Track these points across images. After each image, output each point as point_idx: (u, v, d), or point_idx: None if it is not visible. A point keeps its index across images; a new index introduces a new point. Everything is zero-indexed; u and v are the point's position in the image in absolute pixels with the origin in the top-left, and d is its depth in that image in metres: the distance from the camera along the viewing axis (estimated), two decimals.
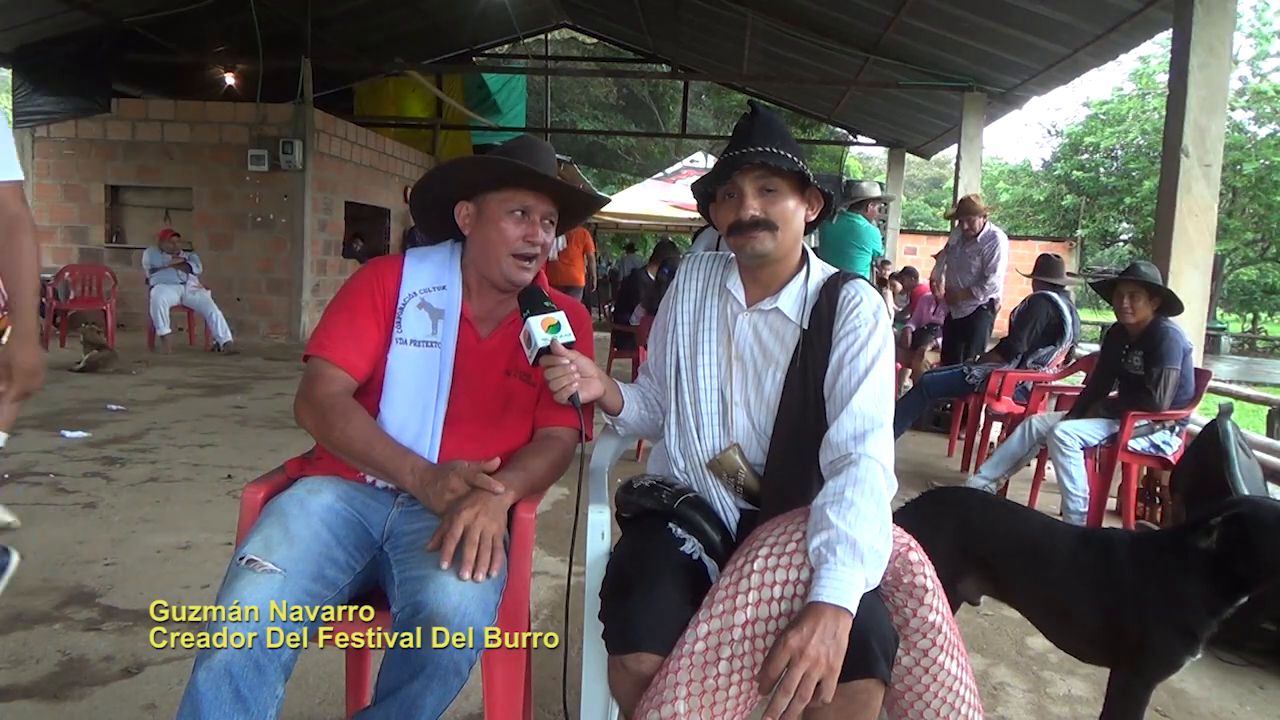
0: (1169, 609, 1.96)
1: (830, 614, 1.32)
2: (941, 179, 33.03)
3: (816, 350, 1.63)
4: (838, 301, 1.64)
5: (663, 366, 1.79)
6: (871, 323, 1.62)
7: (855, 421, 1.52)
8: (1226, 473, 3.39)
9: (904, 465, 5.51)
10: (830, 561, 1.36)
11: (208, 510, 3.86)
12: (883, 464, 1.48)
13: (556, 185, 1.78)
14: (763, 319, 1.68)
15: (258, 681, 1.40)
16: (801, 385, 1.62)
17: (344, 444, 1.67)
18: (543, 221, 1.79)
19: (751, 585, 1.43)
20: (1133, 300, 4.03)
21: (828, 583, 1.34)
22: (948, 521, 2.15)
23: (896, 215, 14.21)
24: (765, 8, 10.49)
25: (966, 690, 1.47)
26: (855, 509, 1.40)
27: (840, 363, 1.59)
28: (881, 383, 1.57)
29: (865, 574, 1.36)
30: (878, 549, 1.39)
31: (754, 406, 1.67)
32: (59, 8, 9.33)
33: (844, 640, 1.32)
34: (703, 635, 1.41)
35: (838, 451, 1.51)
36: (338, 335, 1.76)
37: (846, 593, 1.34)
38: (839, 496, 1.42)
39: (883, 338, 1.62)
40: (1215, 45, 5.11)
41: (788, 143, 1.63)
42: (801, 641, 1.29)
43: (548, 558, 3.37)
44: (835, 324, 1.62)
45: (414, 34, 13.69)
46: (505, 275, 1.77)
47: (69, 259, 10.44)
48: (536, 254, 1.78)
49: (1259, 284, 26.44)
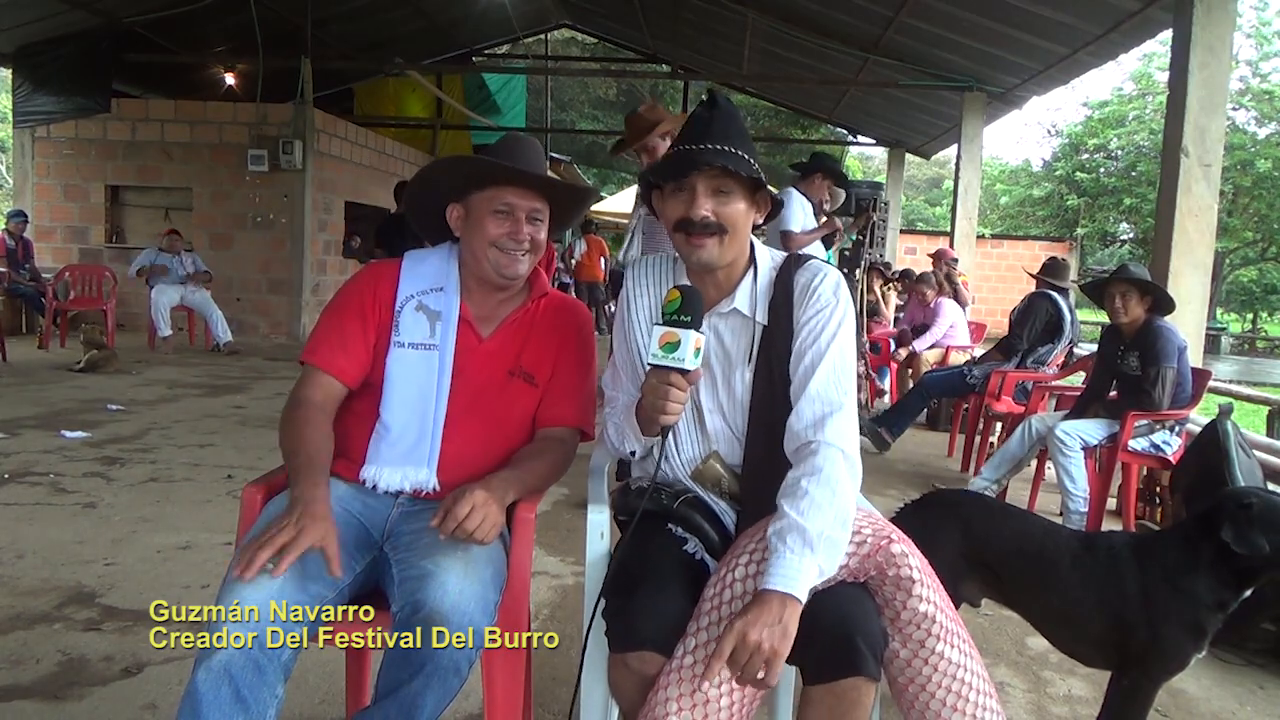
0: (1177, 606, 1.96)
1: (776, 601, 1.33)
2: (941, 179, 33.02)
3: (778, 343, 1.60)
4: (794, 288, 1.61)
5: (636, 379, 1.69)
6: (832, 303, 1.58)
7: (814, 406, 1.51)
8: (1226, 473, 3.39)
9: (904, 465, 5.51)
10: (779, 550, 1.37)
11: (208, 510, 3.86)
12: (843, 449, 1.47)
13: (536, 180, 1.76)
14: (723, 321, 1.64)
15: (257, 681, 1.40)
16: (768, 381, 1.60)
17: (282, 445, 1.68)
18: (530, 219, 1.77)
19: (735, 595, 1.43)
20: (1124, 300, 4.04)
21: (775, 571, 1.36)
22: (949, 525, 2.15)
23: (896, 215, 14.21)
24: (765, 8, 10.50)
25: (973, 676, 1.44)
26: (809, 497, 1.40)
27: (802, 348, 1.57)
28: (838, 363, 1.54)
29: (817, 561, 1.37)
30: (830, 536, 1.39)
31: (728, 410, 1.65)
32: (59, 8, 9.33)
33: (791, 627, 1.33)
34: (691, 649, 1.41)
35: (799, 440, 1.50)
36: (327, 342, 1.76)
37: (794, 580, 1.35)
38: (794, 486, 1.43)
39: (841, 315, 1.58)
40: (1215, 45, 5.12)
41: (745, 142, 1.58)
42: (745, 627, 1.31)
43: (548, 558, 3.37)
44: (796, 311, 1.59)
45: (414, 34, 13.69)
46: (496, 270, 1.77)
47: (69, 259, 10.43)
48: (527, 250, 1.77)
49: (1259, 284, 26.45)
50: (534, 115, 18.72)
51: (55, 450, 4.78)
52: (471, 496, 1.52)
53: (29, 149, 10.64)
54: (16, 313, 9.76)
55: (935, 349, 7.00)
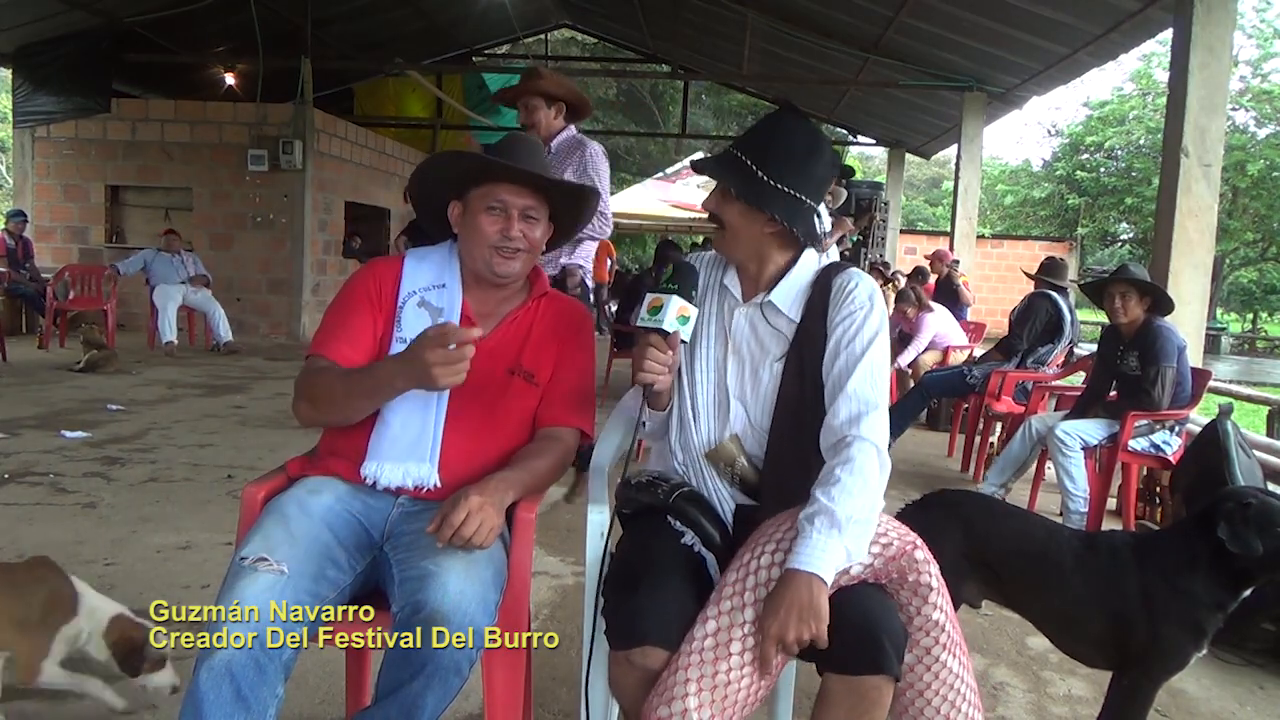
0: (1176, 605, 1.97)
1: (802, 580, 1.38)
2: (941, 179, 33.01)
3: (811, 342, 1.64)
4: (831, 290, 1.66)
5: None
6: (867, 307, 1.63)
7: (851, 405, 1.56)
8: (1226, 473, 3.39)
9: (904, 465, 5.51)
10: (807, 530, 1.42)
11: (208, 510, 3.86)
12: (876, 444, 1.53)
13: (525, 175, 1.76)
14: (758, 313, 1.70)
15: (258, 681, 1.41)
16: (798, 378, 1.64)
17: (327, 395, 1.67)
18: (525, 216, 1.76)
19: (759, 581, 1.45)
20: (1124, 300, 4.04)
21: (802, 550, 1.40)
22: (951, 525, 2.15)
23: (896, 215, 14.21)
24: (765, 8, 10.50)
25: (967, 689, 1.48)
26: (840, 484, 1.45)
27: (837, 348, 1.62)
28: (876, 365, 1.60)
29: (844, 542, 1.42)
30: (858, 519, 1.44)
31: (750, 401, 1.68)
32: (59, 8, 9.33)
33: (822, 607, 1.38)
34: (711, 631, 1.43)
35: (835, 435, 1.55)
36: (334, 335, 1.76)
37: (820, 560, 1.39)
38: (828, 475, 1.49)
39: (879, 321, 1.63)
40: (1215, 45, 5.12)
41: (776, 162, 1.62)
42: (780, 630, 1.37)
43: (548, 558, 3.37)
44: (830, 312, 1.65)
45: (414, 34, 13.70)
46: (489, 268, 1.77)
47: (69, 259, 10.43)
48: (520, 248, 1.77)
49: (1259, 284, 26.45)
50: None
51: (55, 450, 4.78)
52: (466, 503, 1.52)
53: (29, 149, 10.64)
54: (16, 313, 9.76)
55: (933, 350, 7.01)
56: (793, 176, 1.62)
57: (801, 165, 1.63)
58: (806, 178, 1.63)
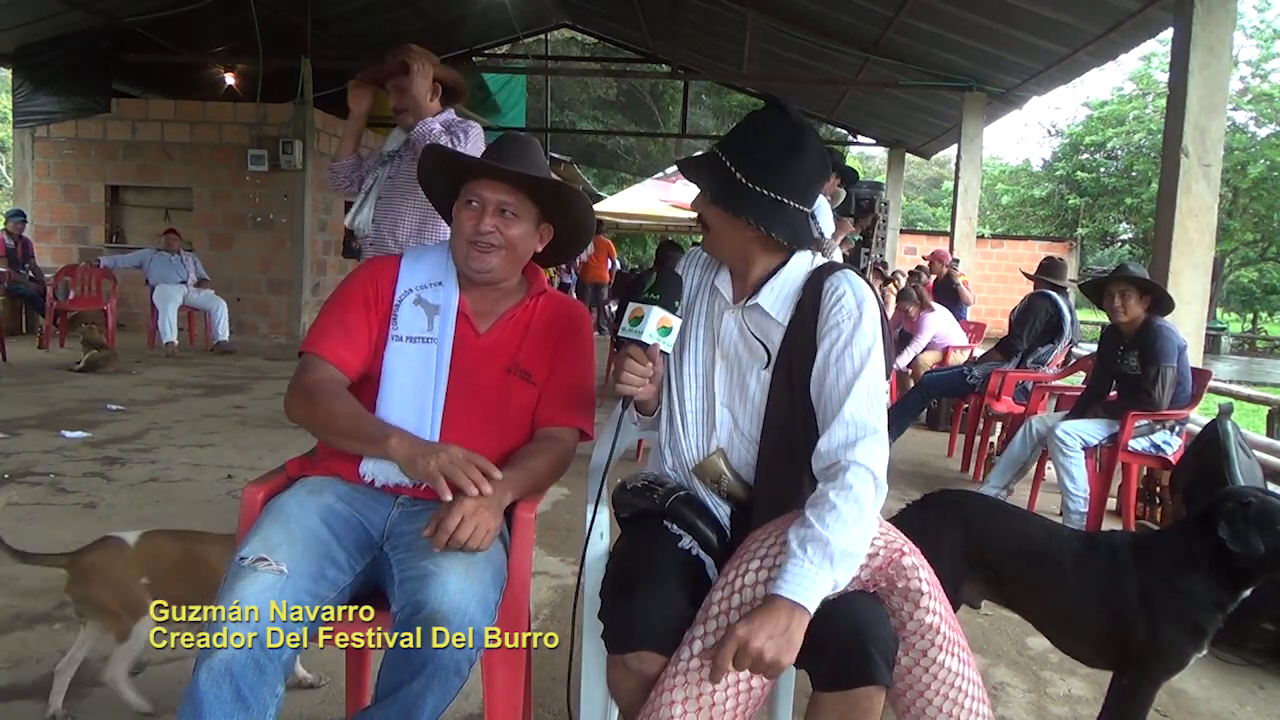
0: (1176, 605, 1.97)
1: (785, 610, 1.34)
2: (941, 179, 33.00)
3: (800, 348, 1.57)
4: (821, 295, 1.58)
5: None
6: (855, 316, 1.53)
7: (847, 430, 1.48)
8: (1227, 473, 3.39)
9: (904, 465, 5.50)
10: (798, 557, 1.37)
11: (208, 510, 3.86)
12: (873, 472, 1.45)
13: (488, 169, 1.75)
14: (747, 315, 1.64)
15: (258, 681, 1.41)
16: (787, 387, 1.58)
17: (328, 422, 1.68)
18: (501, 212, 1.74)
19: (744, 600, 1.43)
20: (1124, 299, 4.04)
21: (790, 577, 1.35)
22: (950, 525, 2.15)
23: (896, 215, 14.22)
24: (765, 8, 10.50)
25: (970, 684, 1.46)
26: (836, 512, 1.39)
27: (826, 362, 1.53)
28: (872, 386, 1.51)
29: (833, 576, 1.37)
30: (850, 552, 1.39)
31: (738, 408, 1.64)
32: (59, 8, 9.32)
33: (796, 637, 1.33)
34: (697, 651, 1.41)
35: (829, 460, 1.48)
36: (329, 332, 1.76)
37: (808, 591, 1.34)
38: (822, 498, 1.42)
39: (871, 333, 1.53)
40: (1215, 45, 5.12)
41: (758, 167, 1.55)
42: (749, 635, 1.32)
43: (548, 558, 3.37)
44: (819, 319, 1.57)
45: (414, 34, 13.65)
46: (466, 263, 1.76)
47: (69, 259, 10.41)
48: (494, 243, 1.74)
49: (1259, 284, 26.44)
50: (534, 115, 18.70)
51: (55, 450, 4.77)
52: (461, 507, 1.52)
53: (29, 149, 10.63)
54: (16, 313, 9.75)
55: (933, 350, 7.01)
56: (772, 176, 1.55)
57: (782, 164, 1.56)
58: (787, 177, 1.55)
